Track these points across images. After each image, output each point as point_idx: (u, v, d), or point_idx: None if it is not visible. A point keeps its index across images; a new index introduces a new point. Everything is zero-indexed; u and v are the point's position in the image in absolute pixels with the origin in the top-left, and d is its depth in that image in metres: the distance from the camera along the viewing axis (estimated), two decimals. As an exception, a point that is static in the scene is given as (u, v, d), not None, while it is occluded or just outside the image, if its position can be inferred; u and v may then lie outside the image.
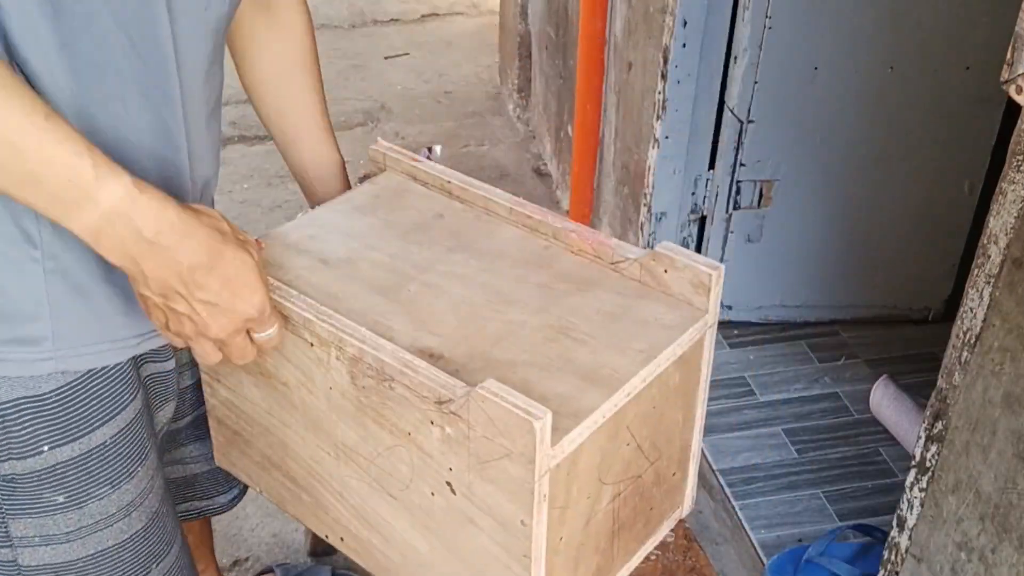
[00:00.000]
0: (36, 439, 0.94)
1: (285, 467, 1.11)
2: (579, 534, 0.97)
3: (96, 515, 0.99)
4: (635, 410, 0.97)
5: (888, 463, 1.98)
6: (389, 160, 1.23)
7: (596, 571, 1.03)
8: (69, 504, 0.97)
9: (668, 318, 1.01)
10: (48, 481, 0.96)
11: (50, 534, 0.98)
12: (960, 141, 2.07)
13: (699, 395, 1.07)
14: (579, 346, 0.97)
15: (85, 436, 0.96)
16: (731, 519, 1.90)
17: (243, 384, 1.09)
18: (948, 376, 1.15)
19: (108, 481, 0.99)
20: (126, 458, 1.00)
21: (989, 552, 1.14)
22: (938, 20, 1.92)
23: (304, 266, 1.07)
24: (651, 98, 2.02)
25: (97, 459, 0.98)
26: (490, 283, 1.06)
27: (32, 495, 0.96)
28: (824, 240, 2.18)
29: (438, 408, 0.90)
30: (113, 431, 0.98)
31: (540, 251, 1.11)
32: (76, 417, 0.96)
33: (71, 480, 0.97)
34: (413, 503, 0.99)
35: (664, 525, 1.13)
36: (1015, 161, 1.02)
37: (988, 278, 1.07)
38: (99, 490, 0.98)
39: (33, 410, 0.93)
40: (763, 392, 2.15)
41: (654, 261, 1.04)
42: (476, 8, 4.31)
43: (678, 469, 1.11)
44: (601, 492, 0.97)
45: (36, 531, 0.97)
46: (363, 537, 1.08)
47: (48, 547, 0.98)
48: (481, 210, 1.16)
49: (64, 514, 0.97)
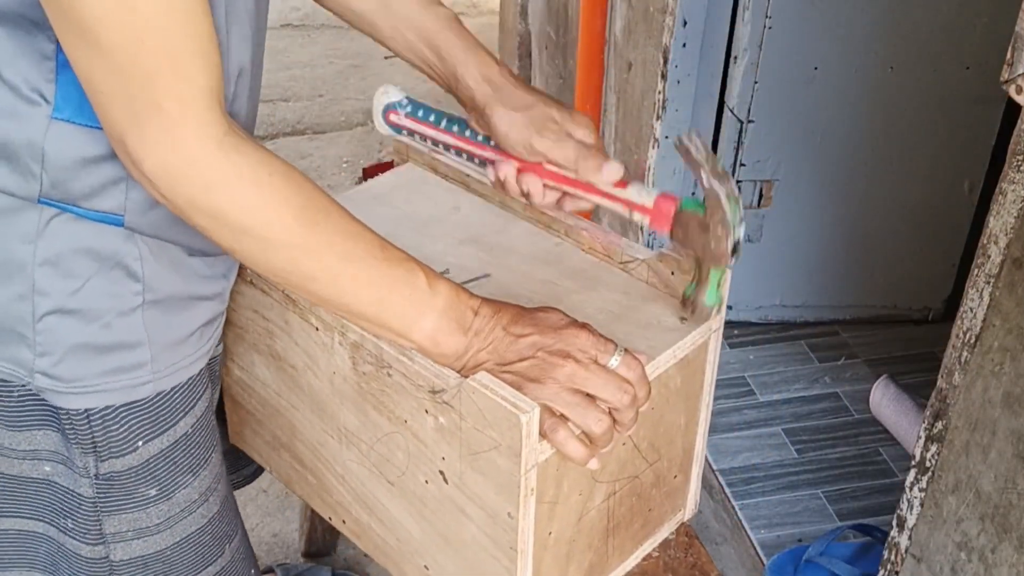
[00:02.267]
0: (132, 436, 0.98)
1: (293, 448, 1.13)
2: (570, 530, 0.97)
3: (182, 503, 1.03)
4: None
5: (888, 463, 1.98)
6: (412, 151, 1.24)
7: (589, 568, 1.03)
8: (160, 496, 1.02)
9: (671, 321, 1.01)
10: (143, 475, 1.00)
11: (143, 527, 1.02)
12: (960, 141, 2.07)
13: (703, 399, 1.07)
14: None
15: (171, 428, 1.00)
16: (731, 519, 1.90)
17: (255, 365, 1.12)
18: (948, 376, 1.15)
19: (190, 469, 1.03)
20: (203, 446, 1.04)
21: (989, 552, 1.14)
22: (938, 20, 1.92)
23: None
24: (651, 98, 2.02)
25: (182, 449, 1.02)
26: (497, 277, 1.06)
27: (128, 491, 1.00)
28: (824, 240, 2.18)
29: (432, 397, 0.91)
30: (192, 420, 1.02)
31: (551, 247, 1.11)
32: (164, 412, 0.99)
33: (161, 472, 1.01)
34: (408, 490, 1.00)
35: (664, 527, 1.13)
36: (1015, 161, 1.02)
37: (988, 278, 1.07)
38: (184, 478, 1.03)
39: (128, 412, 0.97)
40: (763, 392, 2.15)
41: (662, 262, 1.04)
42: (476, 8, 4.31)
43: (680, 472, 1.11)
44: (594, 490, 0.98)
45: (130, 525, 1.01)
46: (363, 520, 1.09)
47: (140, 540, 1.02)
48: (497, 204, 1.17)
49: (156, 506, 1.02)
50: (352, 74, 3.69)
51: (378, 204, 1.17)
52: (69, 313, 0.91)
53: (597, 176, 1.01)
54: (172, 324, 0.97)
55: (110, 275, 0.91)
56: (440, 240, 1.12)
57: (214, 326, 1.02)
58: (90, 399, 0.95)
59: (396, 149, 1.27)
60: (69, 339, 0.92)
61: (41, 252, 0.89)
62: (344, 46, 3.88)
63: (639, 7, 2.06)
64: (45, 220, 0.88)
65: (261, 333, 1.09)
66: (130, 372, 0.95)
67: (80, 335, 0.92)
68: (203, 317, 0.99)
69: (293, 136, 3.41)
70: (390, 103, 1.14)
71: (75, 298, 0.91)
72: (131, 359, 0.95)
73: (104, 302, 0.92)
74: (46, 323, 0.91)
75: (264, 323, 1.07)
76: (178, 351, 0.98)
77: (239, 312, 1.10)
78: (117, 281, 0.92)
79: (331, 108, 3.54)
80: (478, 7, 4.31)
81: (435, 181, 1.21)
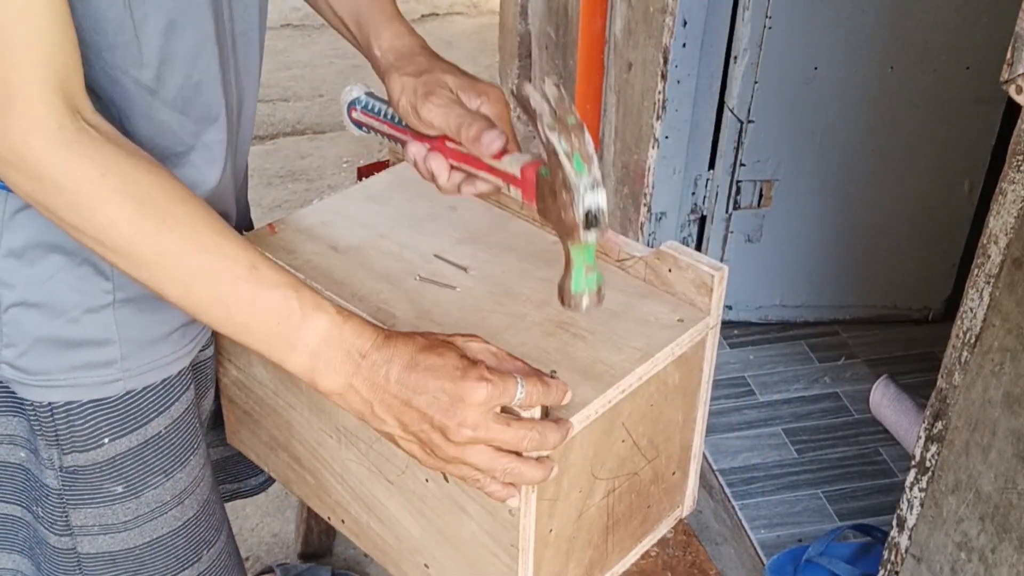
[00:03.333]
0: (98, 432, 0.96)
1: (291, 448, 1.13)
2: (570, 527, 0.97)
3: (152, 503, 1.01)
4: (631, 407, 0.97)
5: (888, 463, 1.98)
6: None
7: (589, 565, 1.03)
8: (127, 494, 0.99)
9: (669, 318, 1.02)
10: (108, 472, 0.98)
11: (109, 523, 1.00)
12: (960, 141, 2.07)
13: (700, 396, 1.08)
14: (577, 341, 0.98)
15: (142, 427, 0.99)
16: (731, 519, 1.90)
17: (252, 364, 1.11)
18: (948, 376, 1.15)
19: (162, 470, 1.01)
20: (179, 447, 1.03)
21: (989, 552, 1.14)
22: (938, 20, 1.92)
23: (315, 251, 1.09)
24: (651, 98, 2.02)
25: (153, 449, 1.00)
26: (495, 276, 1.07)
27: (93, 486, 0.98)
28: (824, 240, 2.18)
29: None
30: (167, 422, 1.01)
31: (548, 246, 1.11)
32: (135, 411, 0.98)
33: (129, 470, 0.99)
34: (408, 488, 1.00)
35: (663, 524, 1.13)
36: (1015, 161, 1.02)
37: (988, 278, 1.07)
38: (154, 479, 1.00)
39: (95, 408, 0.96)
40: (763, 392, 2.15)
41: (659, 260, 1.04)
42: (476, 8, 4.31)
43: (678, 468, 1.11)
44: (594, 487, 0.98)
45: (96, 520, 0.99)
46: (362, 520, 1.09)
47: (107, 535, 1.00)
48: (494, 203, 1.17)
49: (123, 503, 1.00)
50: (352, 74, 3.69)
51: (375, 203, 1.18)
52: (34, 306, 0.90)
53: (477, 146, 0.91)
54: (146, 323, 0.95)
55: (78, 271, 0.90)
56: (438, 239, 1.12)
57: (197, 328, 1.00)
58: (55, 393, 0.93)
59: (391, 149, 1.27)
60: (34, 332, 0.90)
61: (5, 243, 0.87)
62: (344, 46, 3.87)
63: (639, 7, 2.06)
64: (11, 211, 0.87)
65: None
66: (98, 369, 0.94)
67: (46, 328, 0.91)
68: (182, 318, 0.97)
69: (293, 136, 3.41)
70: (351, 100, 1.10)
71: (41, 291, 0.89)
72: (100, 356, 0.93)
73: (71, 297, 0.91)
74: (11, 314, 0.90)
75: None
76: (153, 350, 0.96)
77: None
78: (85, 277, 0.91)
79: (331, 108, 3.55)
80: (478, 7, 4.31)
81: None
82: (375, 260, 1.08)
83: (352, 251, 1.10)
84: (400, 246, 1.10)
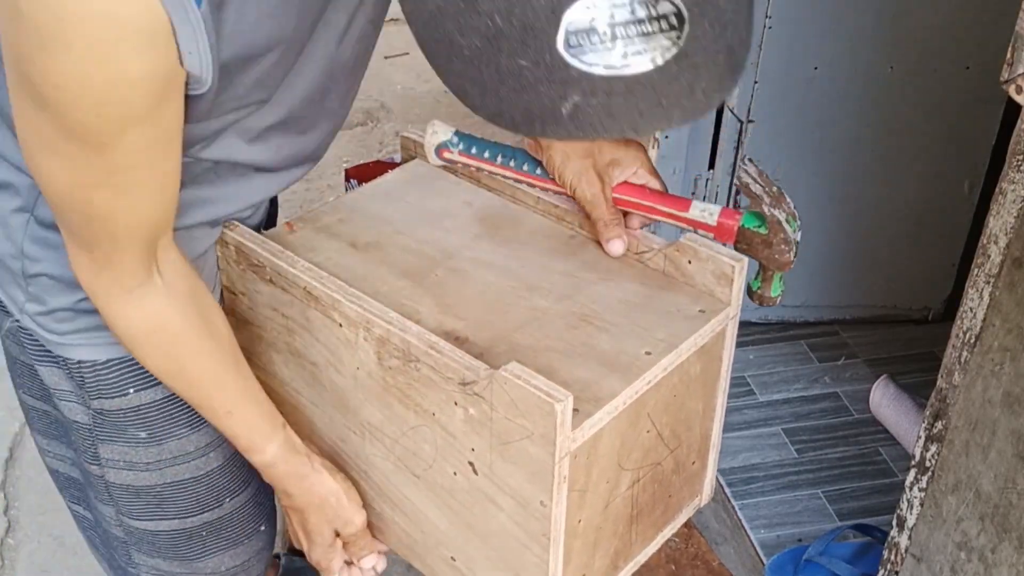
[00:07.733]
0: (123, 383, 1.03)
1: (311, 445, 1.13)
2: (598, 517, 0.98)
3: (174, 452, 1.07)
4: (656, 398, 0.98)
5: (888, 463, 1.98)
6: (420, 148, 1.24)
7: (614, 555, 1.04)
8: (150, 440, 1.06)
9: (690, 309, 1.02)
10: (132, 418, 1.04)
11: (133, 461, 1.07)
12: (960, 141, 2.07)
13: (720, 385, 1.09)
14: (601, 333, 0.98)
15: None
16: (731, 519, 1.90)
17: (274, 362, 1.12)
18: (948, 376, 1.15)
19: (187, 423, 1.06)
20: None
21: (989, 552, 1.14)
22: (938, 20, 1.92)
23: (334, 249, 1.09)
24: (651, 98, 2.02)
25: (177, 403, 1.04)
26: (515, 270, 1.07)
27: (119, 428, 1.05)
28: (824, 240, 2.18)
29: (462, 389, 0.91)
30: None
31: (566, 240, 1.12)
32: None
33: (153, 419, 1.05)
34: (436, 482, 1.00)
35: (683, 513, 1.14)
36: (1015, 161, 1.02)
37: (988, 278, 1.07)
38: (178, 431, 1.06)
39: (120, 363, 1.02)
40: (763, 392, 2.15)
41: (678, 252, 1.05)
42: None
43: (697, 458, 1.12)
44: (620, 477, 0.98)
45: (121, 456, 1.06)
46: (386, 515, 1.10)
47: (131, 471, 1.07)
48: (509, 199, 1.17)
49: (146, 448, 1.06)
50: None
51: (390, 200, 1.18)
52: (58, 279, 0.96)
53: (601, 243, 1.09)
54: None
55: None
56: (456, 235, 1.12)
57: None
58: (77, 351, 1.00)
59: (403, 145, 1.27)
60: (58, 300, 0.97)
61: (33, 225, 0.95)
62: (344, 46, 3.87)
63: (639, 7, 2.06)
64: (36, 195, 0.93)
65: (280, 331, 1.09)
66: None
67: (69, 299, 0.97)
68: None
69: (293, 136, 3.41)
70: (441, 142, 1.17)
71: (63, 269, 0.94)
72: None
73: None
74: (38, 281, 0.97)
75: (283, 321, 1.07)
76: None
77: (257, 311, 1.10)
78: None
79: (331, 108, 3.54)
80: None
81: (445, 176, 1.22)
82: (395, 257, 1.08)
83: (372, 248, 1.10)
84: (419, 242, 1.10)
